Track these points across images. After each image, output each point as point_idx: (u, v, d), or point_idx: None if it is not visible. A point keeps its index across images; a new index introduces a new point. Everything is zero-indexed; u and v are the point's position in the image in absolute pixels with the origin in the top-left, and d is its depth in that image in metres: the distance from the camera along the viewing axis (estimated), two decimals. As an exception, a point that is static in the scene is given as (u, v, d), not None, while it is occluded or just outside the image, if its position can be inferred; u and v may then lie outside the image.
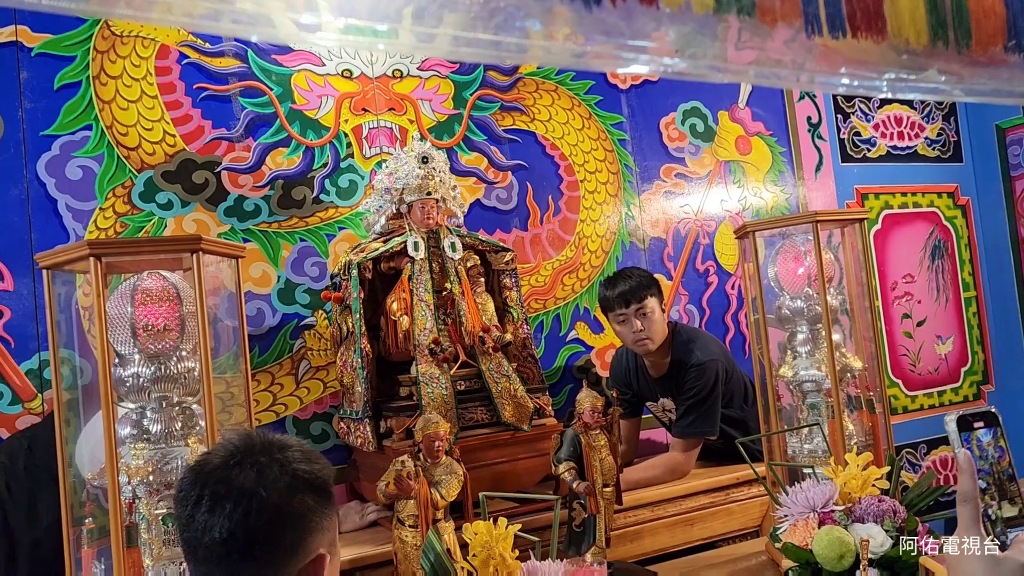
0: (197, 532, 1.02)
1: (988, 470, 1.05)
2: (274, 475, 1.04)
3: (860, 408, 2.23)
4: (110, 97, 2.47)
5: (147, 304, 1.50)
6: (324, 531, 1.08)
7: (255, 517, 1.01)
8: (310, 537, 1.05)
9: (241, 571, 1.02)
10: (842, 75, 0.82)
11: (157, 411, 1.52)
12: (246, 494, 1.01)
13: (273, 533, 1.02)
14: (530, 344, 2.49)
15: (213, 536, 1.00)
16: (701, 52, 0.74)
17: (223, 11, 0.78)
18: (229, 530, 1.00)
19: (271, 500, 1.02)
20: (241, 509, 1.00)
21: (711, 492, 2.61)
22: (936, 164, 4.03)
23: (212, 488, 1.02)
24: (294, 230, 2.68)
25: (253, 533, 1.01)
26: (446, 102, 2.95)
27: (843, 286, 2.27)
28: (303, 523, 1.05)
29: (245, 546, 1.01)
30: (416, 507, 1.74)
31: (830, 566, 1.54)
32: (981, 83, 0.88)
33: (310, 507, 1.06)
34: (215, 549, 1.01)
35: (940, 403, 3.88)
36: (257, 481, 1.02)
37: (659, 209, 3.30)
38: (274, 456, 1.06)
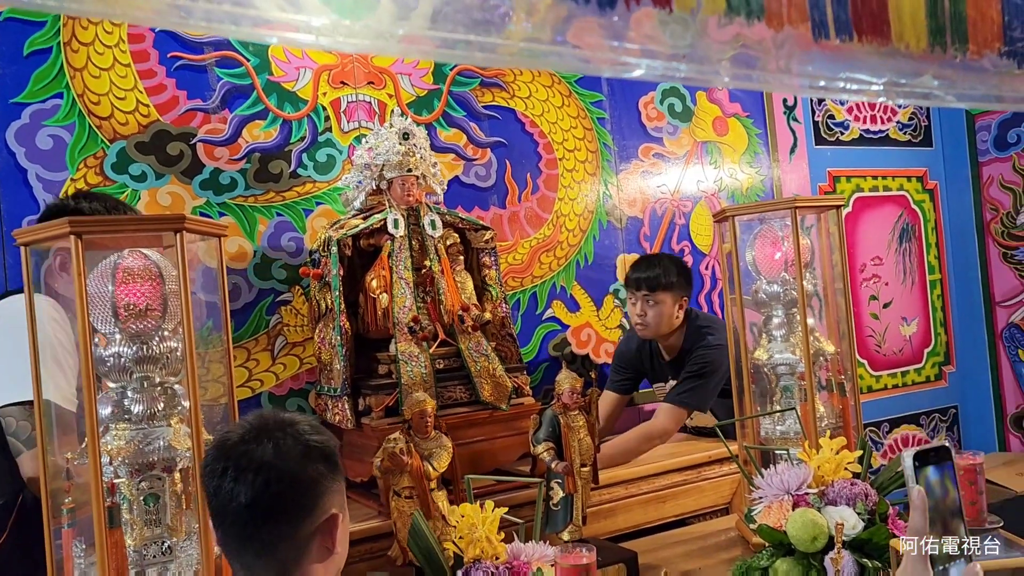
0: (224, 500, 1.15)
1: (934, 506, 1.09)
2: (288, 446, 1.17)
3: (831, 391, 2.28)
4: (81, 65, 2.41)
5: (129, 283, 1.47)
6: (335, 493, 1.22)
7: (275, 484, 1.14)
8: (323, 499, 1.19)
9: (263, 532, 1.15)
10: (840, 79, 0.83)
11: (139, 391, 1.50)
12: (266, 465, 1.15)
13: (291, 497, 1.16)
14: (508, 323, 2.50)
15: (239, 502, 1.13)
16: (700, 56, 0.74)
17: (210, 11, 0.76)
18: (252, 497, 1.13)
19: (288, 468, 1.16)
20: (262, 478, 1.14)
21: (683, 470, 2.65)
22: (907, 148, 4.09)
23: (235, 461, 1.15)
24: (271, 204, 2.65)
25: (274, 498, 1.14)
26: (425, 77, 2.92)
27: (815, 269, 2.30)
28: (317, 487, 1.19)
29: (267, 510, 1.14)
30: (410, 480, 1.85)
31: (803, 547, 1.59)
32: (973, 88, 0.89)
33: (322, 473, 1.20)
34: (241, 514, 1.14)
35: (904, 383, 3.98)
36: (275, 453, 1.16)
37: (636, 188, 3.31)
38: (287, 431, 1.19)
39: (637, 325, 2.81)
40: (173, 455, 1.49)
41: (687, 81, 0.75)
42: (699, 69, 0.72)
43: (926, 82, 0.83)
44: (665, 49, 0.70)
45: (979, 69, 0.87)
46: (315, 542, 1.19)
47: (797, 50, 0.74)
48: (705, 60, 0.72)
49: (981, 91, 0.88)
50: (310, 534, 1.18)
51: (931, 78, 0.83)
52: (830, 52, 0.77)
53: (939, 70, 0.83)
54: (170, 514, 1.52)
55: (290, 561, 1.17)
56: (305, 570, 1.18)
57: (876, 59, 0.79)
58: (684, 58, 0.71)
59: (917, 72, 0.82)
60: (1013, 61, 0.89)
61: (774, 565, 1.62)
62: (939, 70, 0.83)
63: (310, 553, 1.19)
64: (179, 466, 1.52)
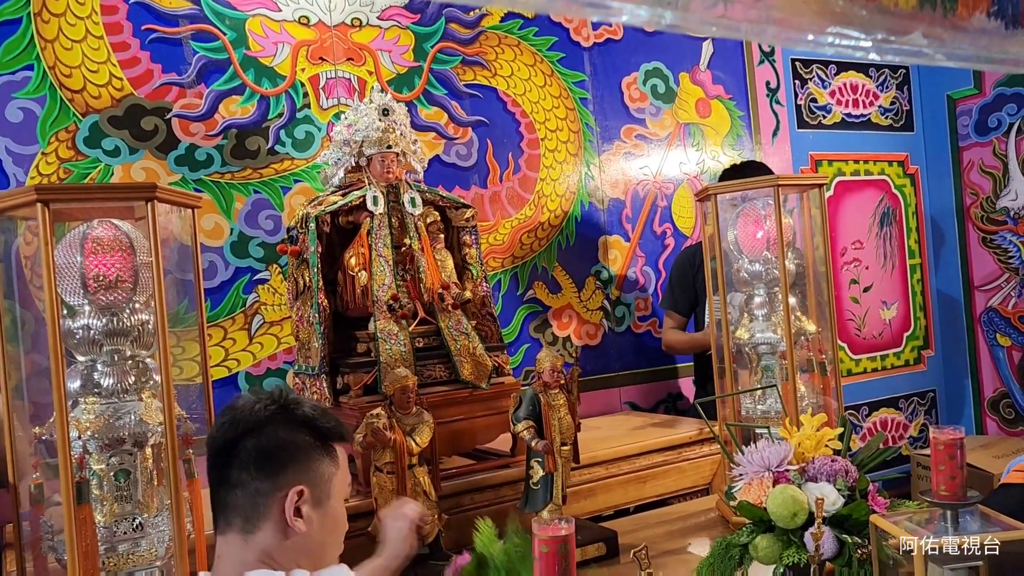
0: (210, 443, 1.26)
1: None
2: (281, 412, 1.25)
3: (811, 371, 2.28)
4: (52, 36, 2.35)
5: (98, 254, 1.44)
6: (311, 471, 1.24)
7: (256, 436, 1.22)
8: (294, 466, 1.23)
9: (231, 475, 1.22)
10: (829, 33, 0.81)
11: (109, 364, 1.47)
12: (255, 419, 1.23)
13: (267, 450, 1.22)
14: (489, 302, 2.48)
15: (216, 444, 1.24)
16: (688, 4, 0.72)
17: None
18: (231, 440, 1.22)
19: (273, 427, 1.23)
20: (244, 427, 1.23)
21: (663, 451, 2.64)
22: (888, 132, 4.09)
23: (233, 415, 1.25)
24: (248, 181, 2.61)
25: (258, 447, 1.22)
26: (406, 54, 2.88)
27: (797, 249, 2.30)
28: (293, 453, 1.23)
29: (239, 452, 1.22)
30: (392, 455, 1.85)
31: (783, 523, 1.58)
32: (962, 48, 0.88)
33: (305, 442, 1.25)
34: (217, 454, 1.24)
35: (883, 367, 3.99)
36: (262, 411, 1.24)
37: (618, 170, 3.29)
38: (288, 400, 1.27)
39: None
40: (144, 430, 1.47)
41: (672, 28, 0.72)
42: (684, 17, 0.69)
43: (915, 40, 0.82)
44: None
45: (968, 29, 0.85)
46: (275, 507, 1.21)
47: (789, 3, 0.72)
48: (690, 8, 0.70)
49: (970, 51, 0.86)
50: (270, 495, 1.21)
51: (920, 36, 0.82)
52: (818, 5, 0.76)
53: (928, 28, 0.82)
54: (141, 490, 1.49)
55: (250, 514, 1.22)
56: (266, 532, 1.21)
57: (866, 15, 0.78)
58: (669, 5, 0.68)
59: (907, 30, 0.81)
60: (1001, 22, 0.88)
61: (754, 542, 1.60)
62: (928, 28, 0.82)
63: (270, 516, 1.21)
64: (150, 441, 1.49)
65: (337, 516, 1.30)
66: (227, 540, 1.23)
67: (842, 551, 1.55)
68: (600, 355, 3.20)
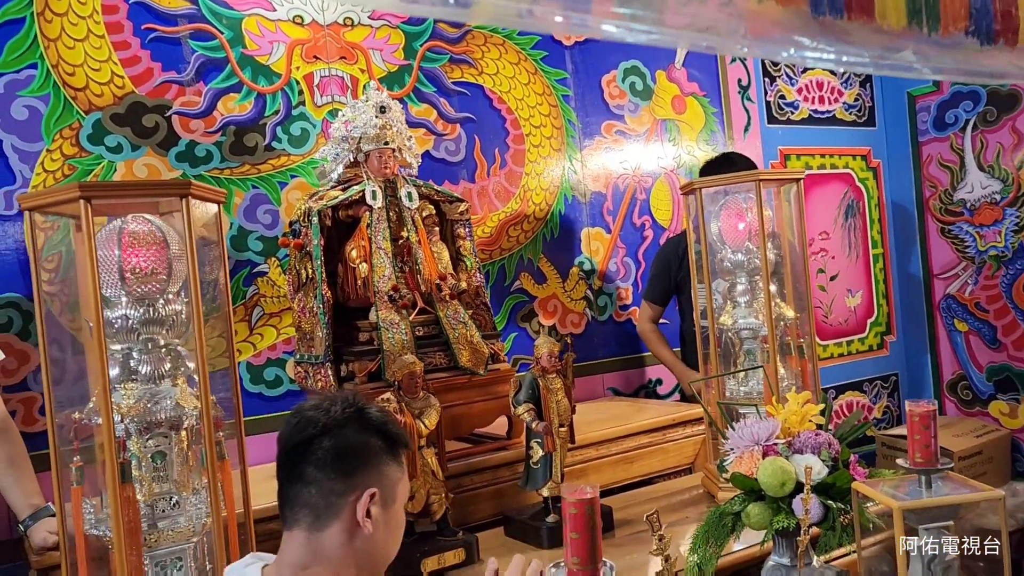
0: (283, 440, 1.29)
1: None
2: (349, 413, 1.29)
3: (790, 354, 2.42)
4: (55, 35, 2.40)
5: (135, 247, 1.52)
6: (382, 475, 1.30)
7: (332, 436, 1.26)
8: (367, 470, 1.28)
9: (305, 472, 1.25)
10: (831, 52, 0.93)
11: (145, 352, 1.55)
12: (332, 420, 1.27)
13: (343, 450, 1.26)
14: (483, 292, 2.58)
15: (290, 441, 1.27)
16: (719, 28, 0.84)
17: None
18: (307, 439, 1.26)
19: (348, 429, 1.28)
20: (320, 427, 1.26)
21: (649, 432, 2.78)
22: (852, 128, 4.27)
23: (308, 415, 1.28)
24: (246, 177, 2.68)
25: (334, 447, 1.26)
26: (396, 52, 2.97)
27: (776, 239, 2.44)
28: (367, 456, 1.28)
29: (315, 451, 1.25)
30: None
31: (773, 492, 1.71)
32: (943, 62, 1.01)
33: (378, 446, 1.30)
34: (291, 453, 1.27)
35: (848, 352, 4.18)
36: (344, 415, 1.28)
37: (599, 164, 3.42)
38: (362, 404, 1.32)
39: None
40: (180, 413, 1.55)
41: (711, 50, 0.83)
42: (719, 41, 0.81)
43: (906, 56, 0.94)
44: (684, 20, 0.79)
45: (949, 45, 0.98)
46: (346, 507, 1.25)
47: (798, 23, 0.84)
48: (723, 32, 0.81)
49: (951, 65, 0.99)
50: (344, 495, 1.25)
51: (910, 53, 0.94)
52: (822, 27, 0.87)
53: (916, 46, 0.94)
54: (176, 470, 1.57)
55: (321, 512, 1.25)
56: (335, 530, 1.25)
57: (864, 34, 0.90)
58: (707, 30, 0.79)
59: (899, 48, 0.93)
60: (976, 39, 1.01)
61: (746, 509, 1.73)
62: (916, 46, 0.94)
63: (341, 516, 1.25)
64: (185, 424, 1.57)
65: (399, 520, 1.35)
66: (292, 536, 1.27)
67: (827, 516, 1.68)
68: (584, 343, 3.32)
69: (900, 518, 1.49)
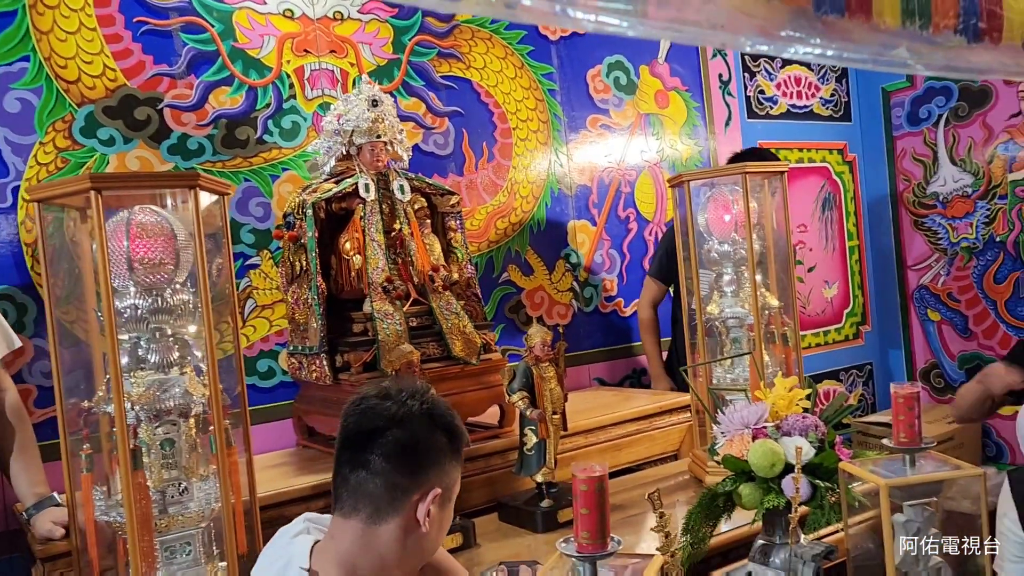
0: (348, 427, 1.28)
1: None
2: (427, 410, 1.29)
3: (774, 342, 2.49)
4: (48, 28, 2.40)
5: (143, 238, 1.54)
6: (446, 475, 1.30)
7: (402, 429, 1.25)
8: (434, 469, 1.28)
9: (370, 462, 1.25)
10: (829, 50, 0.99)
11: (153, 341, 1.58)
12: (403, 412, 1.27)
13: (412, 446, 1.26)
14: (474, 283, 2.62)
15: (356, 428, 1.27)
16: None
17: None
18: (376, 428, 1.25)
19: (418, 424, 1.27)
20: (390, 418, 1.26)
21: (636, 420, 2.84)
22: (828, 123, 4.37)
23: (376, 404, 1.28)
24: (238, 170, 2.69)
25: (403, 440, 1.25)
26: (385, 46, 3.00)
27: (761, 229, 2.51)
28: (431, 454, 1.28)
29: (383, 442, 1.25)
30: None
31: (763, 473, 1.77)
32: (934, 59, 1.06)
33: (442, 445, 1.30)
34: (356, 439, 1.27)
35: (825, 341, 4.28)
36: (415, 409, 1.28)
37: (585, 158, 3.47)
38: (432, 399, 1.32)
39: None
40: (188, 401, 1.58)
41: (724, 46, 0.88)
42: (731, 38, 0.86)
43: (901, 54, 1.00)
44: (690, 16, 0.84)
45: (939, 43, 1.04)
46: (408, 504, 1.25)
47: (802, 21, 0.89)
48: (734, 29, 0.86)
49: (941, 62, 1.05)
50: (409, 492, 1.25)
51: (904, 50, 1.00)
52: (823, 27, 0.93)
53: (910, 43, 1.00)
54: (185, 457, 1.60)
55: (383, 505, 1.25)
56: (392, 525, 1.25)
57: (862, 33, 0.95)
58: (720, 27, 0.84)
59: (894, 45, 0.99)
60: (964, 37, 1.07)
61: (738, 490, 1.80)
62: (910, 43, 1.00)
63: (402, 512, 1.25)
64: (193, 412, 1.60)
65: (449, 517, 1.35)
66: (347, 524, 1.26)
67: (815, 495, 1.75)
68: (570, 334, 3.37)
69: (887, 495, 1.56)
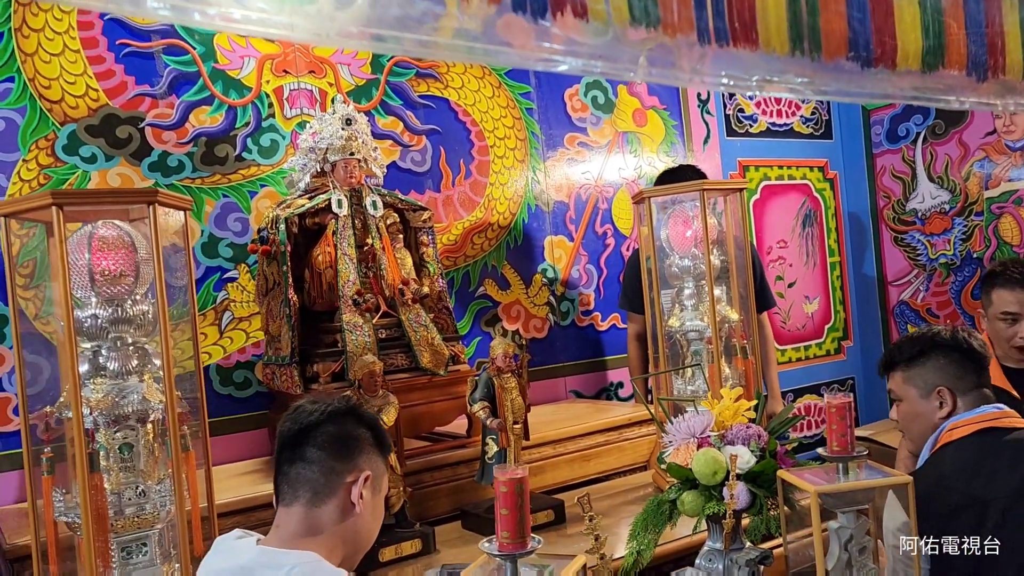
0: (285, 429, 1.43)
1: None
2: (343, 408, 1.45)
3: (735, 355, 2.55)
4: (32, 50, 2.50)
5: (104, 251, 1.62)
6: (374, 462, 1.45)
7: (334, 424, 1.42)
8: (362, 456, 1.43)
9: (307, 453, 1.40)
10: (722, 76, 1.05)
11: (113, 350, 1.65)
12: (333, 411, 1.43)
13: (343, 436, 1.42)
14: (445, 296, 2.70)
15: (293, 427, 1.42)
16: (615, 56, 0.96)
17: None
18: (310, 425, 1.41)
19: (347, 420, 1.44)
20: (322, 415, 1.42)
21: (605, 431, 2.89)
22: (809, 140, 4.44)
23: (309, 407, 1.44)
24: (217, 186, 2.78)
25: (336, 432, 1.41)
26: (364, 67, 3.09)
27: (723, 245, 2.57)
28: (358, 443, 1.43)
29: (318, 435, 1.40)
30: None
31: (706, 481, 1.83)
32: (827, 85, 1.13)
33: (366, 437, 1.45)
34: (294, 438, 1.41)
35: (806, 356, 4.33)
36: (343, 408, 1.45)
37: (562, 175, 3.55)
38: (346, 402, 1.47)
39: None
40: (146, 407, 1.65)
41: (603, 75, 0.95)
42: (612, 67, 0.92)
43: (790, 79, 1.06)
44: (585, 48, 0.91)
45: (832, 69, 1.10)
46: (343, 486, 1.39)
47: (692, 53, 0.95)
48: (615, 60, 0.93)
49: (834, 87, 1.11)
50: (342, 474, 1.39)
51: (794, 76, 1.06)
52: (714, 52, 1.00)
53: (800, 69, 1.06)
54: (143, 461, 1.67)
55: (320, 488, 1.39)
56: (331, 507, 1.39)
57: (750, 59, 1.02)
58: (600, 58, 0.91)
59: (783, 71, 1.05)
60: (857, 64, 1.13)
61: (681, 497, 1.86)
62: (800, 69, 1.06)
63: (339, 494, 1.39)
64: (151, 418, 1.67)
65: (381, 511, 1.50)
66: (291, 511, 1.39)
67: (754, 502, 1.81)
68: (546, 347, 3.44)
69: (816, 501, 1.61)
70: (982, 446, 1.87)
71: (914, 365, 2.00)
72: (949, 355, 1.97)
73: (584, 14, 0.87)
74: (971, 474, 1.82)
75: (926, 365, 1.98)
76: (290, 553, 1.32)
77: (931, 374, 1.98)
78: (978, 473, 1.81)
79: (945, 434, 1.94)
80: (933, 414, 1.97)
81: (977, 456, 1.85)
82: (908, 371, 2.02)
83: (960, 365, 1.97)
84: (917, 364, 2.00)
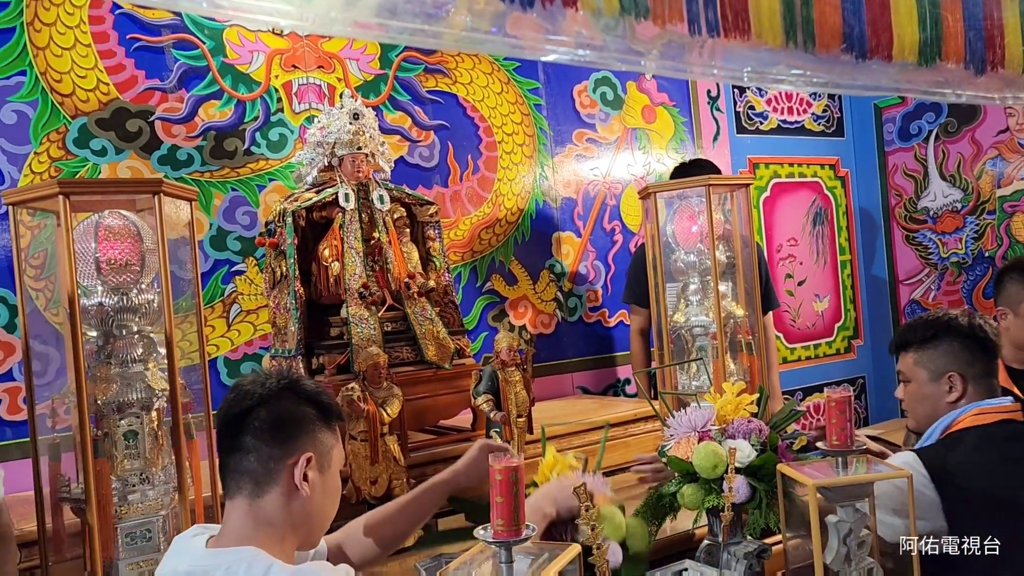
0: (221, 415, 1.36)
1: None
2: (283, 385, 1.37)
3: (740, 351, 2.55)
4: (44, 44, 2.53)
5: (110, 240, 1.64)
6: (317, 441, 1.37)
7: (267, 407, 1.34)
8: (302, 437, 1.35)
9: (243, 442, 1.33)
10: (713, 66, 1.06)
11: (119, 338, 1.67)
12: (267, 392, 1.35)
13: (278, 419, 1.34)
14: (451, 291, 2.71)
15: (228, 415, 1.35)
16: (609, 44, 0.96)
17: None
18: (244, 411, 1.33)
19: (283, 400, 1.35)
20: (256, 399, 1.34)
21: (611, 427, 2.89)
22: (820, 138, 4.42)
23: (243, 389, 1.36)
24: (226, 180, 2.80)
25: (270, 416, 1.33)
26: (372, 62, 3.10)
27: (729, 241, 2.57)
28: (298, 424, 1.35)
29: (252, 421, 1.33)
30: (365, 424, 2.07)
31: (706, 474, 1.83)
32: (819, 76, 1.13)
33: (312, 415, 1.37)
34: (229, 426, 1.34)
35: (816, 355, 4.31)
36: (278, 386, 1.36)
37: (571, 171, 3.55)
38: (293, 378, 1.40)
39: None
40: (150, 395, 1.67)
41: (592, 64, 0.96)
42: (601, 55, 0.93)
43: (782, 71, 1.06)
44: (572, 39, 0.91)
45: (825, 61, 1.10)
46: (284, 472, 1.32)
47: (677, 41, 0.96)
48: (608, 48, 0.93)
49: (826, 79, 1.11)
50: (282, 460, 1.32)
51: (786, 67, 1.06)
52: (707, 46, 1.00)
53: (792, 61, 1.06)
54: (147, 448, 1.69)
55: (261, 478, 1.32)
56: (274, 495, 1.32)
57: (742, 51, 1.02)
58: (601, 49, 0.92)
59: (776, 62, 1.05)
60: (851, 55, 1.13)
61: (681, 490, 1.86)
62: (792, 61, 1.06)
63: (280, 480, 1.32)
64: (155, 405, 1.69)
65: (335, 485, 1.42)
66: (234, 505, 1.33)
67: (754, 496, 1.81)
68: (553, 343, 3.45)
69: (814, 494, 1.61)
70: (1010, 437, 1.85)
71: (926, 348, 1.98)
72: (963, 341, 1.95)
73: (574, 3, 0.88)
74: (1000, 469, 1.80)
75: (939, 348, 1.96)
76: (229, 552, 1.28)
77: (943, 358, 1.96)
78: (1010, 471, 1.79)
79: (970, 417, 1.91)
80: (941, 398, 1.95)
81: (1004, 448, 1.83)
82: (920, 353, 1.99)
83: (972, 352, 1.95)
84: (929, 347, 1.98)
